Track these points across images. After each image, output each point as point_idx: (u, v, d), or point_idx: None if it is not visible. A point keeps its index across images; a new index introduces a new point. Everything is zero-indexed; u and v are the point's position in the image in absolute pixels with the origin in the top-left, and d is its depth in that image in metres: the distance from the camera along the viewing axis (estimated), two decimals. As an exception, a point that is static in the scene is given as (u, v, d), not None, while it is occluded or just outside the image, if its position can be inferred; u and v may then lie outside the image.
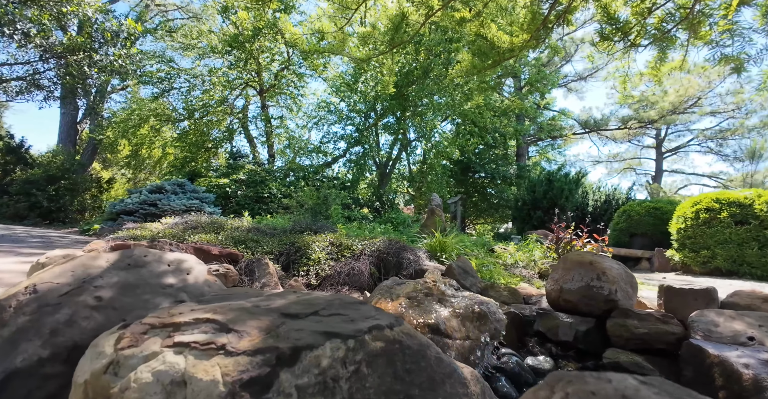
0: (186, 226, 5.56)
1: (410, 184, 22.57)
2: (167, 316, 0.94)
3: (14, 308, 1.27)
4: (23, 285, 1.35)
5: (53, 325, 1.22)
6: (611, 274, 2.11)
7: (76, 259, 1.50)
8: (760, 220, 6.93)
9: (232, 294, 1.32)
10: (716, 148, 21.96)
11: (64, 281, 1.36)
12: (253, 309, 0.94)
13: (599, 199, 15.31)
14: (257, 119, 18.38)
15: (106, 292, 1.36)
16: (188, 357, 0.75)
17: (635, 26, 3.99)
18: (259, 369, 0.70)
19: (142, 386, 0.71)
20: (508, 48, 5.11)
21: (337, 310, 0.95)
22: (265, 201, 14.14)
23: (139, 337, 0.86)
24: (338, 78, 17.35)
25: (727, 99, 19.41)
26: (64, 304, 1.28)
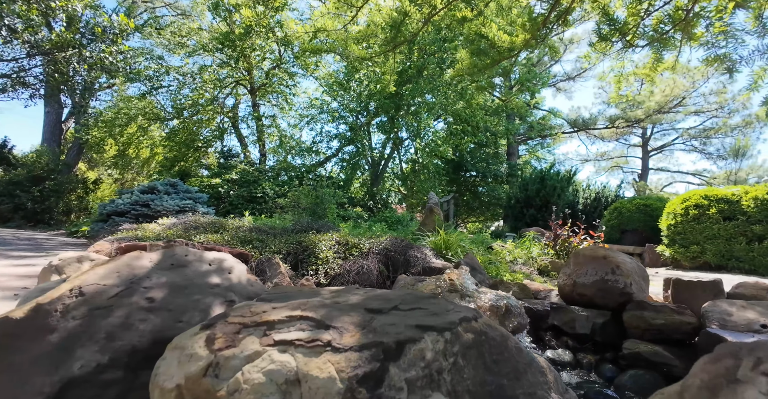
0: (185, 227, 5.49)
1: (402, 183, 22.63)
2: (251, 315, 0.93)
3: (61, 312, 1.22)
4: (66, 287, 1.30)
5: (108, 328, 1.18)
6: (625, 267, 2.17)
7: (118, 260, 1.47)
8: (748, 216, 7.17)
9: (289, 292, 1.30)
10: (700, 147, 22.63)
11: (111, 282, 1.33)
12: (336, 305, 0.94)
13: (589, 196, 15.61)
14: (248, 118, 18.20)
15: (156, 293, 1.34)
16: (296, 355, 0.75)
17: (633, 27, 4.08)
18: (370, 364, 0.71)
19: (255, 387, 0.70)
20: (508, 47, 5.17)
21: (415, 305, 0.96)
22: (258, 201, 14.01)
23: (233, 336, 0.84)
24: (330, 77, 17.29)
25: (711, 99, 20.01)
26: (116, 306, 1.25)
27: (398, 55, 6.31)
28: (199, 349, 0.84)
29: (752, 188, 7.40)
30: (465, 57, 6.17)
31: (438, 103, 12.45)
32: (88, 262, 2.47)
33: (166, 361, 0.88)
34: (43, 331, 1.18)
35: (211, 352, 0.82)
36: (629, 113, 20.34)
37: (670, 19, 3.70)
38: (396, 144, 17.54)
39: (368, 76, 13.23)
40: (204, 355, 0.82)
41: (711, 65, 4.31)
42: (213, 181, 13.88)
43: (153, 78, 14.40)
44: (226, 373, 0.77)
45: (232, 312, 0.99)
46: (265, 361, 0.75)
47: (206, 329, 0.92)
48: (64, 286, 1.31)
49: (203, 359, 0.81)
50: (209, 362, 0.80)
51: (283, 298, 1.12)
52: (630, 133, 24.26)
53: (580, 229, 6.48)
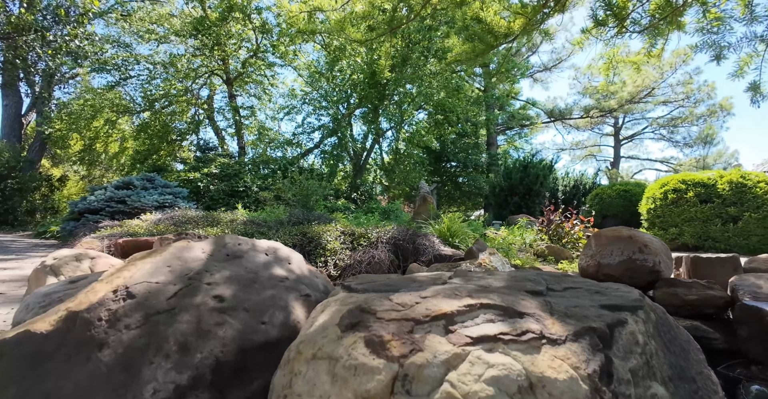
0: (174, 222, 5.23)
1: (384, 174, 22.58)
2: (405, 308, 0.76)
3: (108, 321, 1.00)
4: (105, 289, 1.08)
5: (179, 338, 0.96)
6: (653, 246, 2.21)
7: (164, 252, 1.28)
8: (723, 198, 7.56)
9: (391, 281, 1.16)
10: (668, 135, 23.73)
11: (164, 279, 1.13)
12: (496, 290, 0.83)
13: (568, 184, 16.10)
14: (225, 110, 17.54)
15: (224, 290, 1.14)
16: (512, 354, 0.61)
17: (630, 12, 4.12)
18: (596, 356, 0.60)
19: None
20: (504, 33, 5.14)
21: (566, 285, 0.89)
22: (240, 195, 13.61)
23: (409, 337, 0.67)
24: (309, 66, 16.86)
25: (678, 89, 20.94)
26: (181, 308, 1.04)
27: (386, 42, 6.14)
28: (365, 358, 0.65)
29: (727, 173, 7.80)
30: (458, 44, 6.09)
31: (422, 93, 12.36)
32: (87, 260, 2.27)
33: (307, 379, 0.69)
34: (87, 348, 0.94)
35: (389, 361, 0.64)
36: (603, 103, 21.02)
37: (669, 4, 3.75)
38: (378, 135, 17.38)
39: (351, 66, 12.96)
40: (379, 366, 0.64)
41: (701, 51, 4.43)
42: (191, 175, 13.34)
43: (121, 67, 13.54)
44: (422, 387, 0.60)
45: (381, 306, 0.80)
46: (478, 366, 0.60)
47: (354, 330, 0.74)
48: (100, 287, 1.09)
49: (381, 371, 0.63)
50: (394, 375, 0.62)
51: (384, 289, 1.00)
52: (603, 123, 25.12)
53: (572, 215, 6.64)
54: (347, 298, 0.98)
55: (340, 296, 1.07)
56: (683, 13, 4.19)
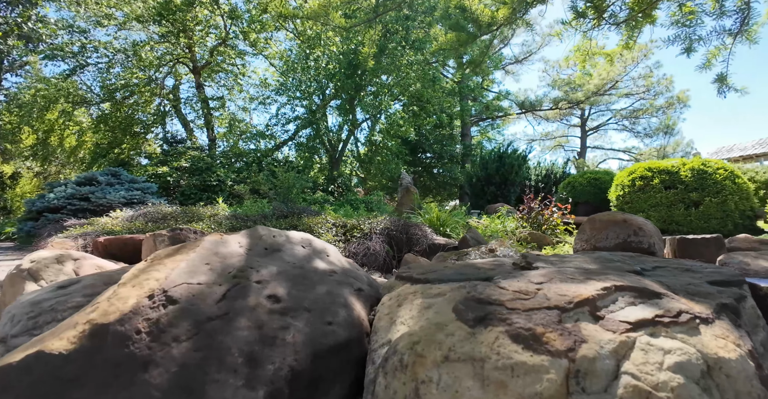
0: (149, 218, 4.97)
1: (360, 166, 22.45)
2: (529, 296, 0.69)
3: (150, 333, 0.86)
4: (137, 294, 0.94)
5: (242, 347, 0.83)
6: (647, 228, 2.31)
7: (196, 248, 1.15)
8: (686, 184, 8.06)
9: (458, 269, 1.10)
10: (630, 126, 25.03)
11: (205, 279, 1.00)
12: (601, 271, 0.80)
13: (540, 173, 16.64)
14: (192, 100, 16.72)
15: (276, 288, 1.03)
16: (679, 336, 0.57)
17: (612, 4, 4.23)
18: (739, 331, 0.59)
19: (678, 391, 0.50)
20: (488, 22, 5.17)
21: (652, 264, 0.88)
22: (213, 189, 13.11)
23: (560, 327, 0.60)
24: (282, 56, 16.34)
25: (639, 82, 22.04)
26: (235, 312, 0.91)
27: (369, 29, 5.97)
28: (520, 356, 0.58)
29: (689, 161, 8.31)
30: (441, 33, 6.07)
31: (399, 84, 12.30)
32: (70, 262, 2.08)
33: (444, 386, 0.59)
34: (129, 369, 0.79)
35: (555, 357, 0.57)
36: (571, 95, 21.78)
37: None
38: (354, 126, 17.20)
39: (327, 55, 12.67)
40: (544, 363, 0.57)
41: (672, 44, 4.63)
42: (160, 169, 12.69)
43: (77, 55, 12.54)
44: (596, 382, 0.54)
45: (489, 296, 0.73)
46: (654, 353, 0.55)
47: (485, 324, 0.65)
48: (128, 293, 0.95)
49: (548, 369, 0.55)
50: (566, 372, 0.55)
51: (476, 275, 0.93)
52: (571, 115, 26.08)
53: (550, 202, 6.87)
54: (427, 290, 0.92)
55: (410, 288, 1.00)
56: (657, 6, 4.35)
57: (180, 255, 1.12)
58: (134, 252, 2.60)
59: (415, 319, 0.81)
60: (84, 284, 1.39)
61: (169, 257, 1.12)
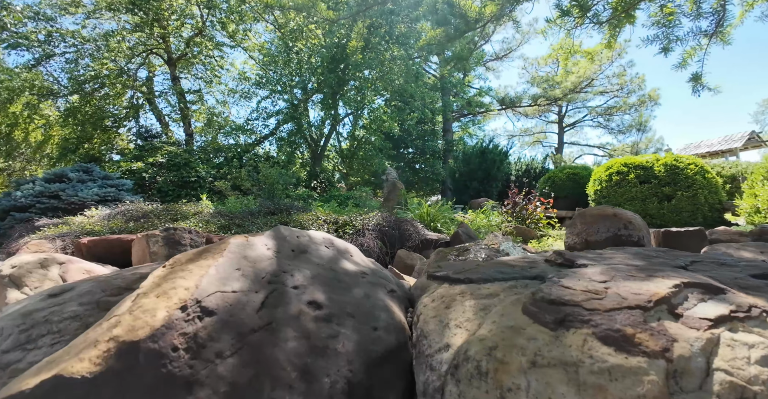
0: (128, 217, 4.78)
1: (341, 162, 22.31)
2: (595, 296, 0.69)
3: (189, 350, 0.77)
4: (166, 305, 0.85)
5: (295, 361, 0.77)
6: (636, 222, 2.39)
7: (222, 251, 1.08)
8: (659, 179, 8.42)
9: (498, 268, 1.06)
10: (604, 123, 25.89)
11: (239, 286, 0.93)
12: (651, 267, 0.80)
13: (520, 169, 17.02)
14: (168, 93, 16.10)
15: (315, 294, 0.98)
16: (756, 330, 0.59)
17: (596, 4, 4.32)
18: None
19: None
20: (476, 18, 5.19)
21: (690, 258, 0.88)
22: (192, 185, 12.71)
23: (647, 327, 0.59)
24: (262, 48, 15.95)
25: (613, 80, 22.81)
26: (279, 322, 0.85)
27: (358, 21, 5.87)
28: (614, 358, 0.57)
29: (662, 157, 8.68)
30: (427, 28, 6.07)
31: (383, 78, 12.22)
32: (56, 266, 1.97)
33: (535, 393, 0.57)
34: (170, 391, 0.71)
35: (652, 357, 0.57)
36: (549, 92, 22.28)
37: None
38: (336, 121, 17.01)
39: (309, 49, 12.43)
40: (642, 365, 0.56)
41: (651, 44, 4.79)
42: (134, 165, 12.19)
43: (43, 44, 11.81)
44: (691, 380, 0.55)
45: (560, 296, 0.71)
46: (739, 349, 0.56)
47: (567, 327, 0.63)
48: (154, 304, 0.85)
49: (647, 371, 0.55)
50: (666, 372, 0.55)
51: (522, 274, 0.92)
52: (549, 111, 26.70)
53: (534, 197, 7.03)
54: (475, 290, 0.90)
55: (454, 289, 0.97)
56: (638, 7, 4.49)
57: (205, 260, 1.05)
58: (122, 254, 2.47)
59: (472, 322, 0.79)
60: (79, 291, 1.31)
61: (193, 262, 1.04)
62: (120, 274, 1.42)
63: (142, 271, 1.45)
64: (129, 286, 1.36)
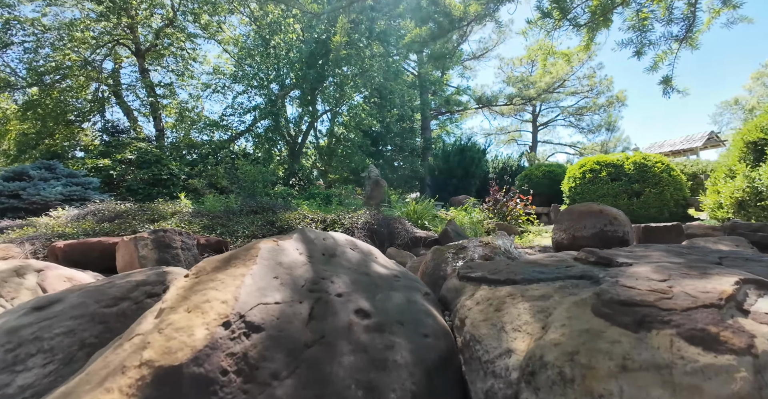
0: (100, 217, 4.54)
1: (321, 159, 22.05)
2: (672, 293, 0.69)
3: (240, 372, 0.69)
4: (204, 322, 0.76)
5: (357, 377, 0.70)
6: (621, 218, 2.49)
7: (254, 259, 1.01)
8: (629, 176, 8.83)
9: (536, 268, 1.04)
10: (575, 122, 26.89)
11: (281, 297, 0.86)
12: (692, 263, 0.80)
13: (497, 166, 17.39)
14: (136, 86, 15.35)
15: (359, 301, 0.92)
16: None
17: (577, 7, 4.45)
18: None
19: None
20: (459, 17, 5.24)
21: (717, 255, 0.88)
22: (164, 184, 12.21)
23: (726, 325, 0.60)
24: (237, 42, 15.48)
25: (584, 82, 23.71)
26: (331, 335, 0.78)
27: (343, 16, 5.73)
28: (704, 358, 0.59)
29: (631, 156, 9.10)
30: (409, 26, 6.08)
31: (364, 75, 12.14)
32: (32, 274, 1.82)
33: (631, 397, 0.56)
34: None
35: (740, 355, 0.58)
36: (524, 92, 22.86)
37: (611, 1, 4.13)
38: (314, 117, 16.76)
39: (288, 44, 12.16)
40: (732, 363, 0.57)
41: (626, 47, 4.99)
42: (101, 162, 11.57)
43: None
44: None
45: (631, 296, 0.70)
46: None
47: (646, 328, 0.63)
48: (189, 321, 0.76)
49: (738, 369, 0.56)
50: (754, 368, 0.56)
51: (559, 274, 0.91)
52: (523, 110, 27.41)
53: (515, 194, 7.20)
54: (524, 292, 0.89)
55: (499, 291, 0.95)
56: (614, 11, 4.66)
57: (235, 268, 0.96)
58: (103, 258, 2.31)
59: (532, 326, 0.78)
60: (70, 303, 1.20)
61: (221, 271, 0.96)
62: (111, 282, 1.32)
63: (136, 277, 1.37)
64: (125, 295, 1.27)
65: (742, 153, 5.70)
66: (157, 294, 1.34)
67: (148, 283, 1.35)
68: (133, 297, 1.28)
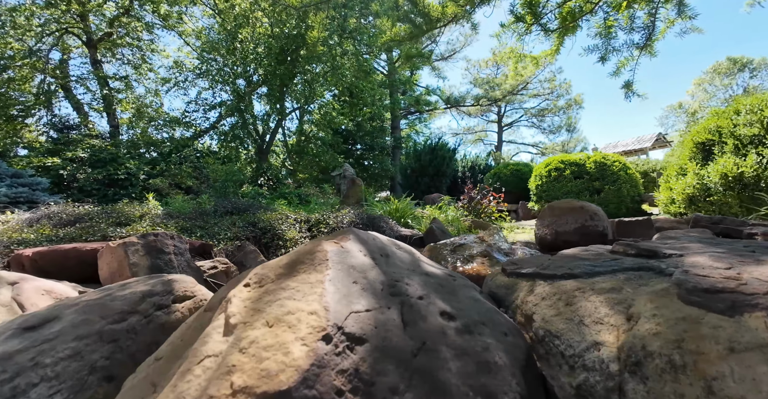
0: (57, 222, 4.19)
1: (289, 157, 21.59)
2: (745, 279, 0.74)
3: (356, 391, 0.64)
4: (299, 336, 0.69)
5: (471, 383, 0.68)
6: (601, 213, 2.64)
7: (325, 262, 0.94)
8: (590, 175, 9.36)
9: (582, 260, 1.04)
10: (537, 123, 28.18)
11: (367, 303, 0.80)
12: (736, 251, 0.82)
13: (466, 165, 17.84)
14: (88, 79, 14.26)
15: (438, 303, 0.88)
16: None
17: (549, 13, 4.65)
18: None
19: None
20: (438, 17, 5.32)
21: (741, 243, 0.91)
22: (122, 184, 11.46)
23: None
24: (200, 34, 14.79)
25: (545, 85, 24.89)
26: (430, 340, 0.74)
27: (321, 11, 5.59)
28: None
29: (592, 154, 9.65)
30: (387, 24, 6.10)
31: (336, 73, 11.99)
32: (5, 287, 1.60)
33: (739, 377, 0.59)
34: None
35: None
36: (491, 93, 23.62)
37: (580, 9, 4.35)
38: (282, 115, 16.35)
39: (256, 38, 11.76)
40: None
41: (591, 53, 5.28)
42: (49, 161, 10.66)
43: None
44: None
45: (713, 285, 0.74)
46: None
47: (739, 312, 0.67)
48: (282, 336, 0.68)
49: None
50: None
51: (606, 267, 0.92)
52: (489, 111, 28.34)
53: (488, 192, 7.42)
54: (589, 286, 0.91)
55: (564, 285, 0.96)
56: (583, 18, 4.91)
57: (307, 274, 0.89)
58: (79, 267, 2.08)
59: (614, 318, 0.80)
60: (71, 322, 1.06)
61: (290, 278, 0.88)
62: (110, 294, 1.20)
63: (139, 288, 1.25)
64: (133, 309, 1.15)
65: (692, 152, 6.21)
66: (166, 306, 1.23)
67: (155, 294, 1.24)
68: (141, 310, 1.17)
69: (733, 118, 5.48)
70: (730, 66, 30.17)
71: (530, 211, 10.85)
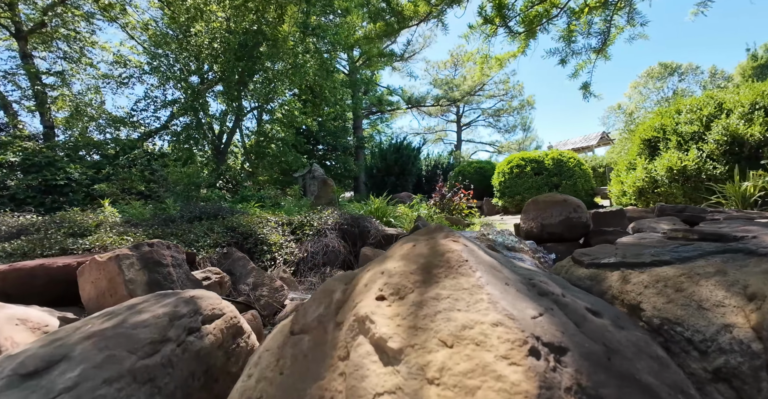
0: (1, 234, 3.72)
1: (248, 159, 20.76)
2: None
3: None
4: (500, 355, 0.58)
5: (665, 381, 0.64)
6: (582, 206, 2.79)
7: (463, 265, 0.82)
8: (549, 171, 9.92)
9: (649, 248, 1.04)
10: (494, 123, 29.42)
11: (531, 305, 0.74)
12: None
13: (429, 164, 18.20)
14: (16, 74, 12.78)
15: (578, 299, 0.84)
16: None
17: (515, 18, 4.85)
18: None
19: None
20: (410, 16, 5.35)
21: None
22: (61, 190, 10.39)
23: None
24: (147, 27, 13.77)
25: (500, 86, 26.03)
26: (610, 341, 0.70)
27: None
28: None
29: (550, 152, 10.24)
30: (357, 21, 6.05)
31: (298, 71, 11.66)
32: None
33: None
34: None
35: None
36: (450, 94, 24.27)
37: (547, 12, 4.57)
38: (240, 114, 15.64)
39: (212, 32, 11.12)
40: None
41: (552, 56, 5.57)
42: (-29, 166, 9.40)
43: None
44: None
45: None
46: None
47: None
48: (478, 357, 0.58)
49: None
50: None
51: (677, 253, 0.92)
52: (449, 111, 29.12)
53: (459, 189, 7.60)
54: (690, 270, 0.91)
55: (663, 272, 0.96)
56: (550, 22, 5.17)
57: (453, 279, 0.79)
58: (49, 288, 1.80)
59: (733, 299, 0.83)
60: (91, 361, 0.83)
61: (435, 285, 0.77)
62: (125, 320, 0.99)
63: (158, 310, 1.06)
64: (164, 336, 0.98)
65: (640, 149, 6.78)
66: (197, 329, 1.06)
67: (182, 316, 1.06)
68: (172, 337, 0.99)
69: (675, 116, 6.05)
70: (661, 71, 33.39)
71: (494, 206, 11.30)
